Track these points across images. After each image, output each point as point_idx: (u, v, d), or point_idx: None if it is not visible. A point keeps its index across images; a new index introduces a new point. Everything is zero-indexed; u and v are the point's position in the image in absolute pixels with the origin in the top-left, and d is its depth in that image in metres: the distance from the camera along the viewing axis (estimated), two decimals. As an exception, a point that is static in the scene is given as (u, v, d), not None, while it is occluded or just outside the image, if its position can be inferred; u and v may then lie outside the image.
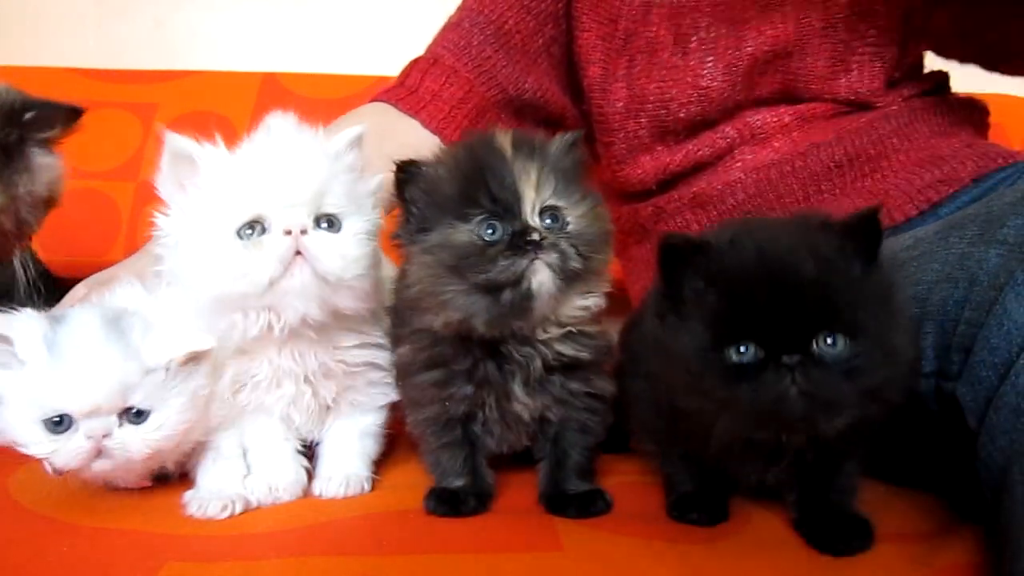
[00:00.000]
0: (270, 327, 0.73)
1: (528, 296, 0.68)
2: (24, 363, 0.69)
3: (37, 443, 0.70)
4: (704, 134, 1.11)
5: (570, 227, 0.70)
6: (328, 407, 0.82)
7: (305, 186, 0.71)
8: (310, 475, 0.82)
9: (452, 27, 1.20)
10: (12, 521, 0.72)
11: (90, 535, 0.69)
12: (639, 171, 1.15)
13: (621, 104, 1.13)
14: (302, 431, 0.82)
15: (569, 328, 0.74)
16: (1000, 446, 0.59)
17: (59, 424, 0.69)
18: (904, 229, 0.95)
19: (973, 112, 1.13)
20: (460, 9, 1.22)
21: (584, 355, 0.75)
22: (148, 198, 1.38)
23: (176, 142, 0.74)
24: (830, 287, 0.58)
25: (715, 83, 1.07)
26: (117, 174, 1.47)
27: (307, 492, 0.80)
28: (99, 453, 0.70)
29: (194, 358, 0.73)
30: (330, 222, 0.73)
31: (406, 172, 0.73)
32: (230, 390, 0.78)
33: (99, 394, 0.69)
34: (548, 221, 0.69)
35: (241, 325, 0.73)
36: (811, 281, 0.58)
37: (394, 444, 0.90)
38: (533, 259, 0.67)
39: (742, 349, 0.59)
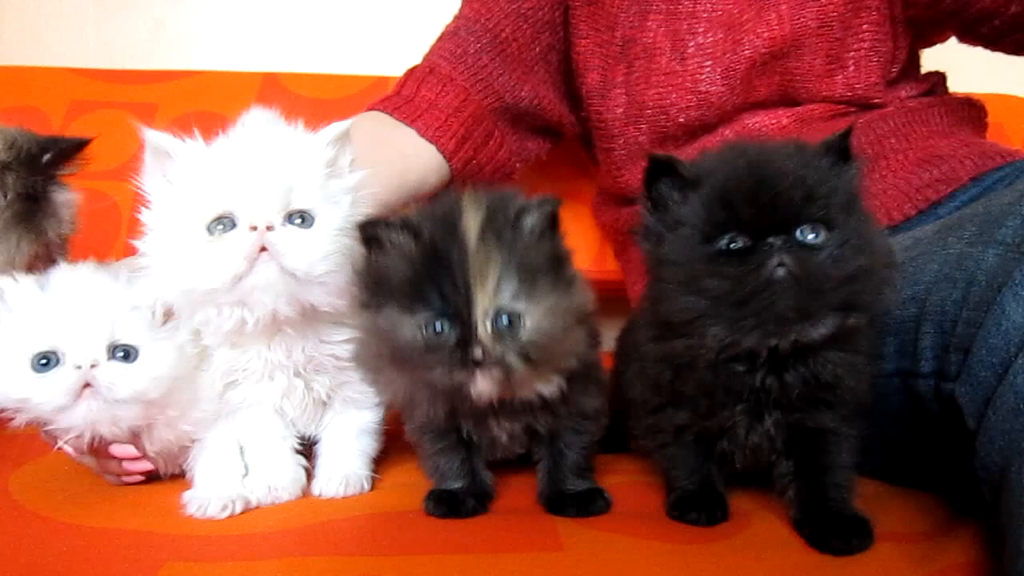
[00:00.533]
0: (243, 322, 0.73)
1: (468, 398, 0.66)
2: (12, 310, 0.71)
3: (23, 386, 0.69)
4: (703, 138, 1.11)
5: (524, 331, 0.64)
6: (324, 403, 0.82)
7: (273, 182, 0.71)
8: (309, 474, 0.82)
9: (448, 36, 1.20)
10: (12, 521, 0.72)
11: (90, 535, 0.69)
12: (639, 176, 1.15)
13: (620, 111, 1.14)
14: (298, 426, 0.82)
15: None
16: (999, 446, 0.59)
17: (46, 365, 0.69)
18: (903, 229, 0.95)
19: (971, 112, 1.13)
20: (457, 18, 1.22)
21: (556, 394, 0.71)
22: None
23: (154, 138, 0.74)
24: (808, 182, 0.63)
25: (714, 87, 1.07)
26: (117, 174, 1.47)
27: (306, 492, 0.81)
28: (86, 388, 0.69)
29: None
30: (302, 218, 0.72)
31: (367, 234, 0.68)
32: (221, 383, 0.78)
33: (87, 323, 0.69)
34: (505, 321, 0.64)
35: (215, 321, 0.73)
36: (791, 174, 0.62)
37: (393, 443, 0.90)
38: (472, 373, 0.64)
39: (730, 238, 0.63)
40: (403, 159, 1.10)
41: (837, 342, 0.65)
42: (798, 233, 0.62)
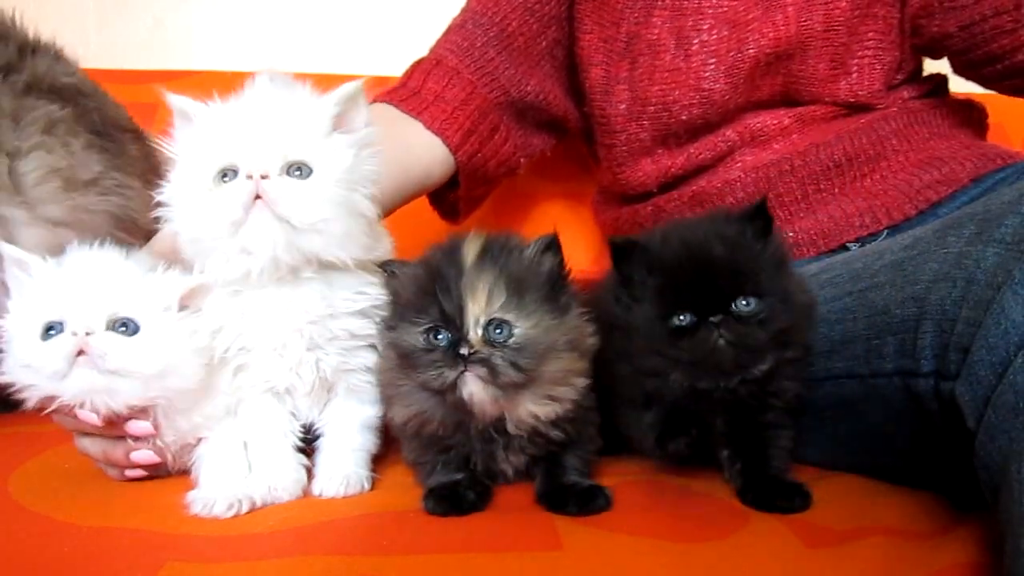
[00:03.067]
0: (248, 270, 0.75)
1: (464, 402, 0.71)
2: (34, 283, 0.74)
3: (29, 351, 0.72)
4: (705, 137, 1.11)
5: (513, 339, 0.71)
6: (329, 387, 0.83)
7: (271, 135, 0.74)
8: (310, 474, 0.82)
9: (455, 29, 1.20)
10: (12, 521, 0.72)
11: (90, 535, 0.69)
12: (640, 173, 1.16)
13: (623, 107, 1.14)
14: (302, 411, 0.82)
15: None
16: (999, 445, 0.59)
17: (51, 333, 0.72)
18: (903, 229, 0.96)
19: (972, 113, 1.13)
20: (463, 11, 1.23)
21: (564, 435, 0.77)
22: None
23: (177, 101, 0.78)
24: (737, 262, 0.76)
25: (717, 85, 1.07)
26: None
27: (307, 491, 0.81)
28: (80, 356, 0.71)
29: (197, 294, 0.77)
30: (300, 169, 0.75)
31: (388, 272, 0.77)
32: (232, 363, 0.79)
33: (88, 294, 0.73)
34: (497, 331, 0.71)
35: (224, 269, 0.76)
36: (723, 260, 0.76)
37: (394, 443, 0.90)
38: (462, 371, 0.70)
39: (680, 317, 0.76)
40: (408, 151, 1.10)
41: (779, 365, 0.78)
42: (734, 306, 0.75)
